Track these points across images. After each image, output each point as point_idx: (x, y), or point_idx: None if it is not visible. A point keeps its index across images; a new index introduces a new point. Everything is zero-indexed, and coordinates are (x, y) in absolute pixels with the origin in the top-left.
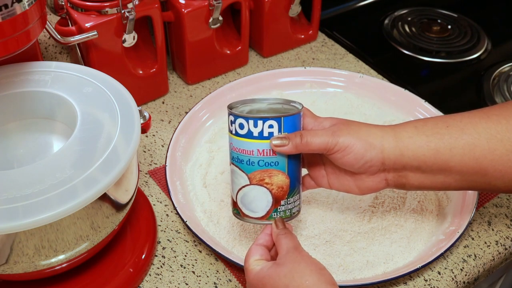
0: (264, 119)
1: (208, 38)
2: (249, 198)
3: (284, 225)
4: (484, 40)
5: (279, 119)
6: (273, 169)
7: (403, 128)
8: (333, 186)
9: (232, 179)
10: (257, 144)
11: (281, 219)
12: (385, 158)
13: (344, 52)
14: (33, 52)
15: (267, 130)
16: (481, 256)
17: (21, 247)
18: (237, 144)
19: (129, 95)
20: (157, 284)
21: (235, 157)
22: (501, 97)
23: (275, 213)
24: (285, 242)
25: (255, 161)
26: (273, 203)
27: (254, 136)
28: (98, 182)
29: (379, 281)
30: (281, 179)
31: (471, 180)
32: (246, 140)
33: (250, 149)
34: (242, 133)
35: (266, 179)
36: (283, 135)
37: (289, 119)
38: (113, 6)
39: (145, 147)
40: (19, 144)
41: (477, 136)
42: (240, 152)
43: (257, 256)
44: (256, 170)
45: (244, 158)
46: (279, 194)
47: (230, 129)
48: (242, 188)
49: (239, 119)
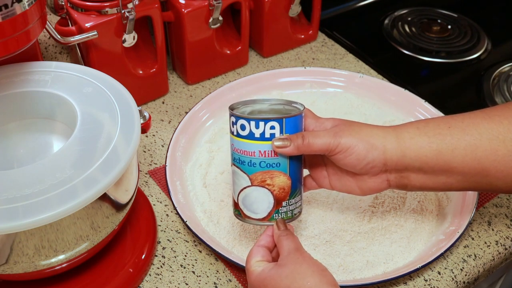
0: (266, 121)
1: (208, 38)
2: (250, 199)
3: (285, 226)
4: (484, 40)
5: (281, 120)
6: (274, 170)
7: (405, 129)
8: (335, 187)
9: (234, 180)
10: (259, 145)
11: (283, 220)
12: (387, 159)
13: (344, 52)
14: (33, 52)
15: (268, 131)
16: (481, 256)
17: (21, 247)
18: (238, 145)
19: (129, 95)
20: (157, 284)
21: (236, 158)
22: (501, 97)
23: (277, 214)
24: (287, 243)
25: (256, 162)
26: (274, 205)
27: (256, 138)
28: (98, 182)
29: (379, 281)
30: (282, 180)
31: (473, 181)
32: (247, 141)
33: (252, 150)
34: (243, 134)
35: (268, 181)
36: (284, 136)
37: (291, 120)
38: (113, 6)
39: (145, 147)
40: (19, 144)
41: (479, 137)
42: (241, 153)
43: (258, 257)
44: (258, 171)
45: (245, 159)
46: (280, 196)
47: (232, 130)
48: (244, 189)
49: (240, 120)
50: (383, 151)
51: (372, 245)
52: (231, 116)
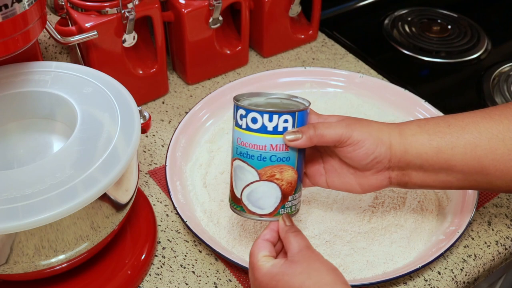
0: (280, 114)
1: (208, 38)
2: (257, 195)
3: (292, 222)
4: (484, 40)
5: (293, 114)
6: (284, 165)
7: (407, 126)
8: (332, 185)
9: (237, 175)
10: (271, 139)
11: (288, 215)
12: (392, 155)
13: (344, 52)
14: (33, 52)
15: (282, 124)
16: (481, 256)
17: (21, 247)
18: (247, 139)
19: (129, 95)
20: (157, 284)
21: (243, 152)
22: (501, 97)
23: (283, 209)
24: (297, 240)
25: (267, 157)
26: (281, 199)
27: (268, 131)
28: (98, 182)
29: (379, 281)
30: (290, 174)
31: (473, 179)
32: (258, 135)
33: (263, 144)
34: (254, 128)
35: (277, 175)
36: (296, 129)
37: (302, 114)
38: (113, 6)
39: (145, 147)
40: (19, 144)
41: (478, 136)
42: (250, 147)
43: (265, 252)
44: (268, 165)
45: (255, 153)
46: (287, 190)
47: (239, 124)
48: (250, 184)
49: (252, 113)
50: (389, 147)
51: (372, 245)
52: (239, 109)
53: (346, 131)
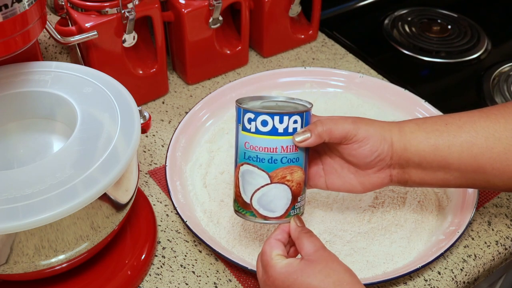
0: (290, 115)
1: (208, 38)
2: (268, 198)
3: (303, 223)
4: (484, 40)
5: (302, 114)
6: (294, 166)
7: (406, 124)
8: (332, 186)
9: (246, 180)
10: (281, 140)
11: (299, 216)
12: (393, 152)
13: (344, 52)
14: (33, 52)
15: (292, 125)
16: (481, 256)
17: (21, 247)
18: (257, 142)
19: (129, 95)
20: (157, 284)
21: (252, 156)
22: (501, 97)
23: (293, 210)
24: (312, 240)
25: (278, 159)
26: (292, 201)
27: (279, 133)
28: (98, 182)
29: (379, 281)
30: (300, 175)
31: (470, 178)
32: (269, 138)
33: (274, 146)
34: (264, 131)
35: (288, 176)
36: (303, 129)
37: (308, 114)
38: (113, 6)
39: (145, 147)
40: (19, 144)
41: (475, 134)
42: (260, 150)
43: (279, 251)
44: (279, 167)
45: (265, 156)
46: (297, 191)
47: (247, 128)
48: (261, 188)
49: (262, 116)
50: (391, 144)
51: (372, 245)
52: (248, 112)
53: (353, 127)
